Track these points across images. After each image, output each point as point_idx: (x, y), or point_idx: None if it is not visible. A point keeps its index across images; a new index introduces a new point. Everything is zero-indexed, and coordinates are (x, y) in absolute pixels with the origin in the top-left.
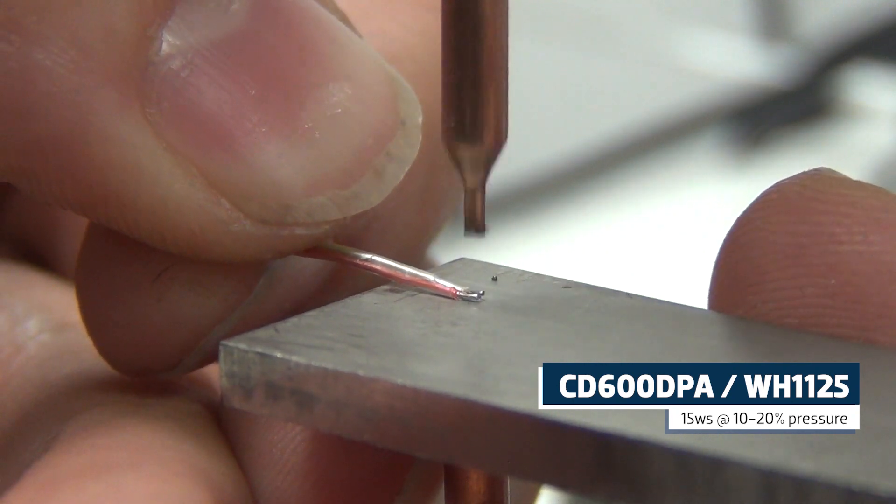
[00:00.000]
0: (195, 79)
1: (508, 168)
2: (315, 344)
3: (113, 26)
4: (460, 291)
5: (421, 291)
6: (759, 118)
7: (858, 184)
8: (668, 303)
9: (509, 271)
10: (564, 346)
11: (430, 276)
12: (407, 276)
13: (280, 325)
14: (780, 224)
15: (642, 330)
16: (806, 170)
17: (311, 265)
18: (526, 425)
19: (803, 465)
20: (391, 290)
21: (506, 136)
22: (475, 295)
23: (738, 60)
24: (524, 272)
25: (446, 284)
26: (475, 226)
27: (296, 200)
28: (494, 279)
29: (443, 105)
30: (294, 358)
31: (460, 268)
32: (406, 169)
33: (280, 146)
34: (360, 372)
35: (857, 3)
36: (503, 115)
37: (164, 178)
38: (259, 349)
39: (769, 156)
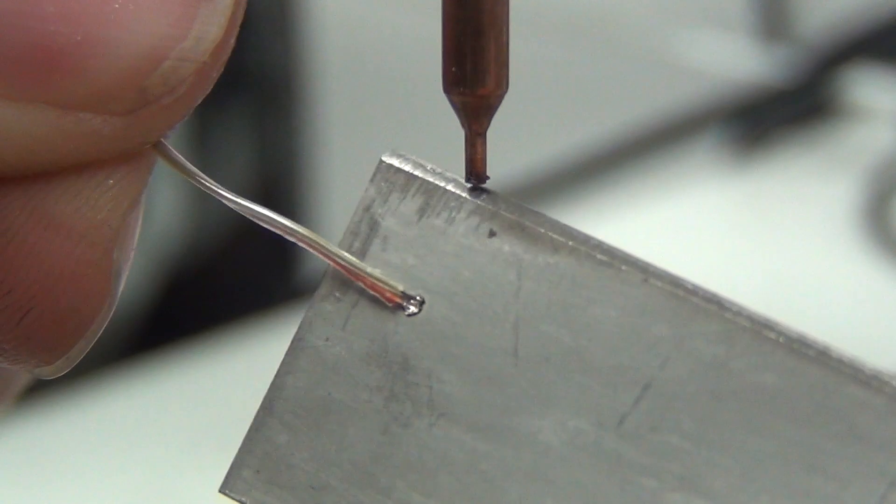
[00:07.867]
0: None
1: (505, 168)
2: (290, 484)
3: None
4: (399, 300)
5: (355, 305)
6: (759, 118)
7: None
8: (631, 259)
9: (432, 226)
10: (515, 411)
11: (361, 265)
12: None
13: (257, 462)
14: None
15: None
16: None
17: None
18: None
19: None
20: (321, 333)
21: (507, 84)
22: (413, 309)
23: (738, 60)
24: (448, 220)
25: (380, 281)
26: (476, 174)
27: (146, 79)
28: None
29: (443, 53)
30: None
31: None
32: None
33: (104, 37)
34: None
35: (857, 3)
36: (504, 62)
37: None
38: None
39: (769, 156)
